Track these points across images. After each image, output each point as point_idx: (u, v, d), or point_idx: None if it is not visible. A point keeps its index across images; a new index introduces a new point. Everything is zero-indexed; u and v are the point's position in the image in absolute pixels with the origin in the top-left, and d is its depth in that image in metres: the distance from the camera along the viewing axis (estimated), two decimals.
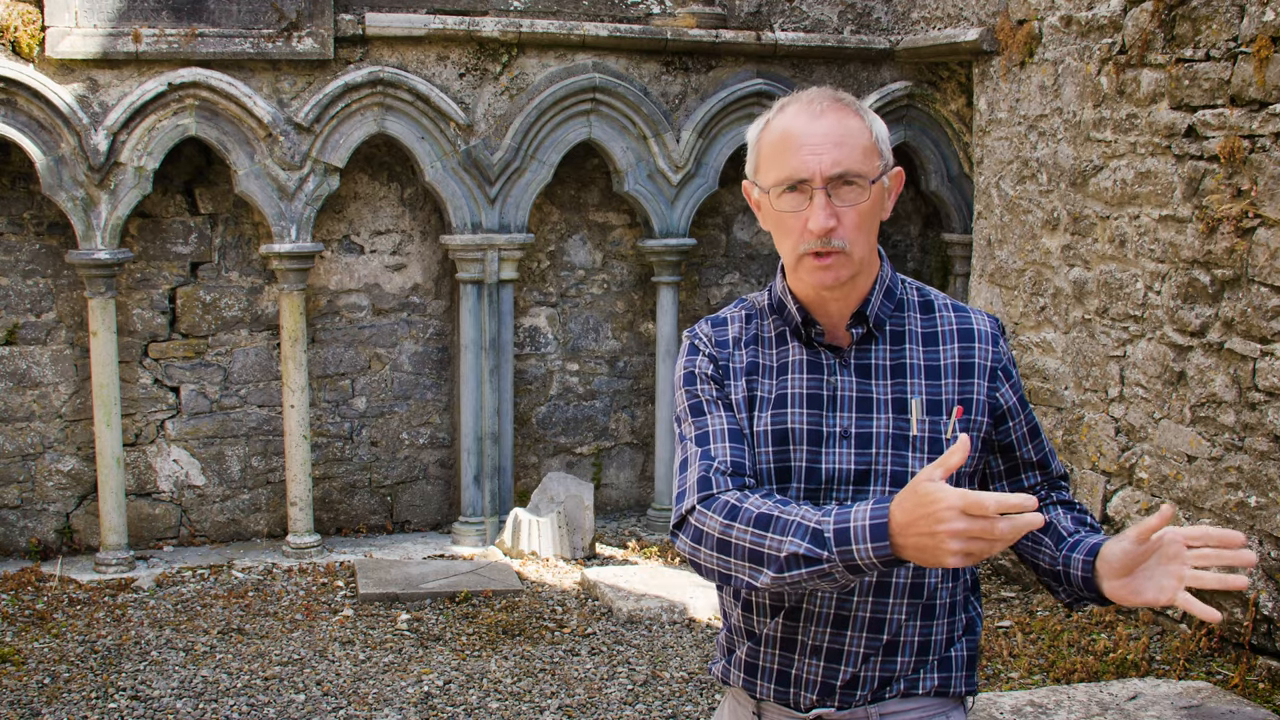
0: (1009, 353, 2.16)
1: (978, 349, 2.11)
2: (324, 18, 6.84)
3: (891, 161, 2.08)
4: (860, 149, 2.00)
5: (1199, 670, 5.14)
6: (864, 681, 2.07)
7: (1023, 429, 2.17)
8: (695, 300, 8.23)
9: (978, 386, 2.09)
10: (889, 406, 2.06)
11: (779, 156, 2.02)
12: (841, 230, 1.99)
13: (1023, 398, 2.17)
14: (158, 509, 7.29)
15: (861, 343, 2.10)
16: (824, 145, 1.98)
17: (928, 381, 2.07)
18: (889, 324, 2.11)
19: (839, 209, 1.99)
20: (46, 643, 5.77)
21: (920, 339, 2.11)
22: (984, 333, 2.12)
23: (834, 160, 1.98)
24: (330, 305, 7.49)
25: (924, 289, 2.18)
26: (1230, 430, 5.28)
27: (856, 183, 1.99)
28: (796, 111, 2.03)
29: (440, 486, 7.86)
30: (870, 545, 1.79)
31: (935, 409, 2.06)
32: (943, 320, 2.13)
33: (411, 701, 5.15)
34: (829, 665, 2.07)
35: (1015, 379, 2.16)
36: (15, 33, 6.41)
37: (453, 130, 7.17)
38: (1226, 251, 5.25)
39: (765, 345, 2.15)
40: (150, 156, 6.71)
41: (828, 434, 2.07)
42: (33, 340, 6.99)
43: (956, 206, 8.10)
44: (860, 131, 2.01)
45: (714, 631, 6.03)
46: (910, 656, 2.07)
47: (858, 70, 7.91)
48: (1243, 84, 5.14)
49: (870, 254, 2.07)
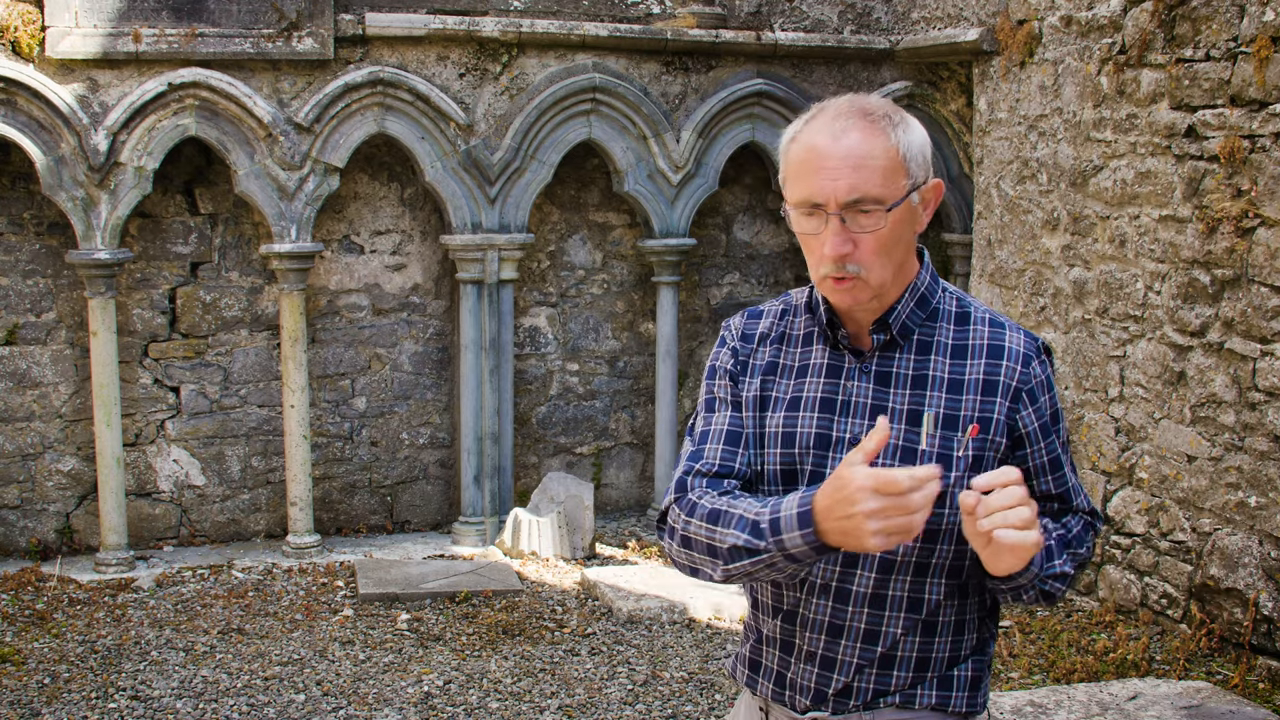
0: (1043, 375, 2.05)
1: (1004, 367, 2.01)
2: (324, 18, 6.84)
3: (924, 176, 2.00)
4: (881, 172, 1.92)
5: (1199, 670, 5.14)
6: (858, 692, 2.05)
7: (1041, 458, 2.07)
8: (695, 300, 8.23)
9: (999, 406, 2.01)
10: (903, 417, 2.01)
11: (799, 176, 1.97)
12: (857, 255, 1.94)
13: (1047, 425, 2.06)
14: (158, 509, 7.29)
15: (885, 350, 2.05)
16: (841, 169, 1.92)
17: (948, 395, 2.01)
18: (918, 333, 2.05)
19: (855, 235, 1.94)
20: (46, 643, 5.77)
21: (949, 351, 2.03)
22: (1014, 351, 2.03)
23: (850, 186, 1.91)
24: (330, 305, 7.49)
25: (965, 299, 2.10)
26: (1230, 430, 5.28)
27: (873, 211, 1.92)
28: (820, 127, 1.97)
29: (440, 486, 7.86)
30: (799, 533, 1.84)
31: (952, 424, 2.00)
32: (975, 334, 2.04)
33: (411, 701, 5.15)
34: (822, 672, 2.06)
35: (1041, 404, 2.04)
36: (15, 33, 6.41)
37: (453, 130, 7.17)
38: (1226, 251, 5.25)
39: (790, 344, 2.14)
40: (150, 156, 6.71)
41: (837, 439, 2.04)
42: (33, 340, 6.99)
43: (956, 206, 8.10)
44: (883, 152, 1.93)
45: (714, 631, 6.03)
46: (908, 672, 2.03)
47: (858, 70, 7.91)
48: (1243, 84, 5.14)
49: (895, 272, 2.00)
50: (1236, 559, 5.25)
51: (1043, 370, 2.05)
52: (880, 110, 1.97)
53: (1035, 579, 1.96)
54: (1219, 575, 5.34)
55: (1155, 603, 5.73)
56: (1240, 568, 5.23)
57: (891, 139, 1.95)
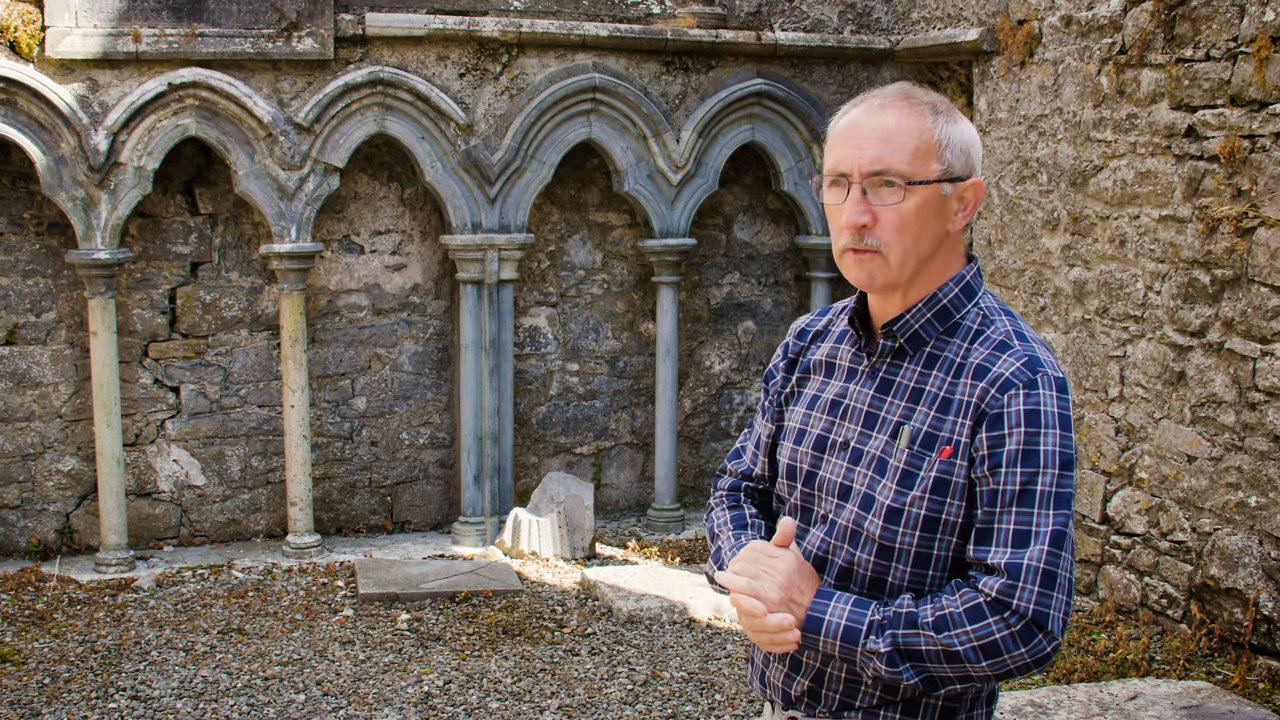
0: (1019, 407, 1.86)
1: (980, 388, 1.90)
2: (324, 18, 6.84)
3: (965, 172, 1.95)
4: (910, 149, 1.90)
5: (1199, 670, 5.14)
6: (825, 698, 2.05)
7: (985, 489, 1.88)
8: (695, 300, 8.23)
9: (967, 428, 1.90)
10: (890, 429, 1.98)
11: (832, 147, 1.98)
12: (877, 230, 1.92)
13: (1000, 460, 1.86)
14: (158, 509, 7.29)
15: (895, 358, 2.01)
16: (870, 140, 1.92)
17: (935, 413, 1.94)
18: (930, 345, 1.99)
19: (876, 207, 1.92)
20: (46, 643, 5.77)
21: (951, 369, 1.95)
22: (997, 375, 1.89)
23: (875, 156, 1.90)
24: (330, 305, 7.49)
25: (991, 318, 1.98)
26: (1230, 430, 5.28)
27: (896, 185, 1.90)
28: (863, 105, 1.97)
29: (440, 486, 7.86)
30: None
31: (930, 444, 1.93)
32: (975, 354, 1.94)
33: (411, 701, 5.15)
34: (789, 673, 2.08)
35: (1002, 435, 1.86)
36: (15, 33, 6.41)
37: (453, 130, 7.17)
38: (1226, 251, 5.25)
39: (834, 340, 2.15)
40: (150, 156, 6.71)
41: (832, 442, 2.06)
42: (33, 340, 6.99)
43: None
44: (918, 131, 1.91)
45: (714, 631, 6.03)
46: (875, 690, 1.99)
47: (858, 70, 7.91)
48: (1243, 84, 5.14)
49: (920, 264, 1.95)
50: (1236, 559, 5.25)
51: (1025, 402, 1.86)
52: (925, 98, 1.96)
53: (841, 650, 1.90)
54: (1219, 575, 5.34)
55: (1155, 603, 5.73)
56: (1240, 568, 5.23)
57: (929, 122, 1.93)
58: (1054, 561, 1.82)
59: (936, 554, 1.94)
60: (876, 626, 1.87)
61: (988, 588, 1.83)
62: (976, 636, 1.82)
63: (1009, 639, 1.81)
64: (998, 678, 1.86)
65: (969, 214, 1.98)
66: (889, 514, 1.94)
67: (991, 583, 1.83)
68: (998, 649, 1.81)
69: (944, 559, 1.94)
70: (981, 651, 1.82)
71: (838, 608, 1.91)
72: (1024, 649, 1.81)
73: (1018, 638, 1.81)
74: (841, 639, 1.89)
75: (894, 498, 1.94)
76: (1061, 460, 1.85)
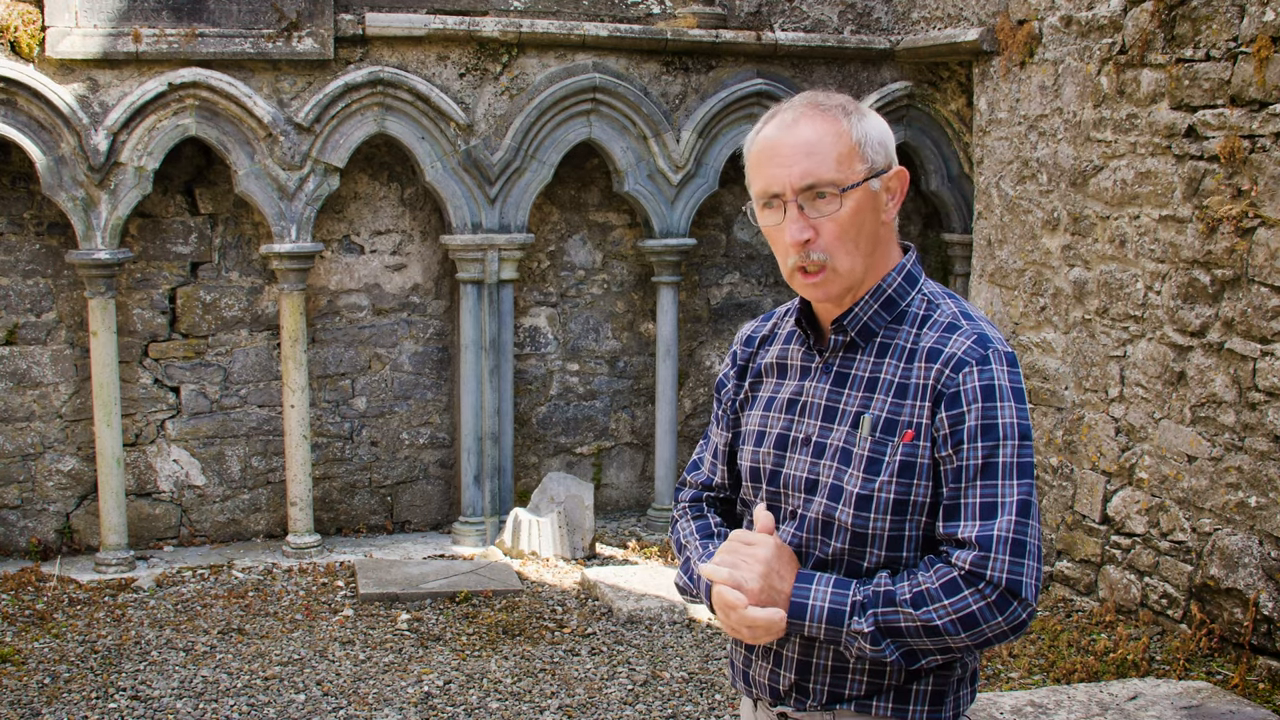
0: (975, 384, 1.91)
1: (935, 370, 1.95)
2: (324, 18, 6.84)
3: (886, 163, 2.00)
4: (835, 156, 1.95)
5: (1199, 670, 5.14)
6: (814, 692, 2.06)
7: (949, 467, 1.93)
8: (695, 300, 8.23)
9: (925, 410, 1.95)
10: (850, 419, 2.02)
11: (756, 170, 2.01)
12: (820, 242, 1.97)
13: (962, 436, 1.91)
14: (158, 509, 7.29)
15: (848, 351, 2.06)
16: (794, 157, 1.95)
17: (893, 399, 1.98)
18: (880, 335, 2.03)
19: (815, 221, 1.96)
20: (46, 643, 5.77)
21: (904, 355, 2.00)
22: (950, 355, 1.94)
23: (803, 172, 1.95)
24: (330, 305, 7.49)
25: (937, 303, 2.04)
26: (1230, 430, 5.28)
27: (829, 195, 1.95)
28: (775, 122, 2.01)
29: (440, 486, 7.86)
30: (706, 602, 2.07)
31: (891, 429, 1.97)
32: (926, 338, 1.98)
33: (411, 701, 5.15)
34: (774, 669, 2.10)
35: (960, 412, 1.91)
36: (15, 33, 6.41)
37: (453, 130, 7.17)
38: (1226, 251, 5.25)
39: (779, 343, 2.19)
40: (150, 156, 6.71)
41: (793, 439, 2.09)
42: (33, 340, 6.99)
43: (956, 206, 8.10)
44: (835, 138, 1.96)
45: (713, 631, 6.03)
46: (862, 679, 2.02)
47: (858, 70, 7.91)
48: (1243, 84, 5.14)
49: (866, 262, 2.00)
50: (1236, 559, 5.25)
51: (979, 378, 1.92)
52: (833, 102, 2.00)
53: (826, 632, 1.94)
54: (1219, 575, 5.34)
55: (1155, 603, 5.73)
56: (1240, 568, 5.23)
57: (844, 125, 1.97)
58: (1022, 530, 1.87)
59: (908, 535, 1.98)
60: (859, 607, 1.92)
61: (961, 561, 1.88)
62: (954, 610, 1.87)
63: (985, 609, 1.87)
64: (977, 647, 1.91)
65: (898, 202, 2.04)
66: (859, 501, 1.97)
67: (964, 556, 1.88)
68: (975, 620, 1.87)
69: (915, 539, 1.98)
70: (960, 624, 1.87)
71: (819, 590, 1.95)
72: (1001, 618, 1.87)
73: (994, 608, 1.87)
74: (826, 622, 1.94)
75: (862, 485, 1.98)
76: (1020, 431, 1.92)
